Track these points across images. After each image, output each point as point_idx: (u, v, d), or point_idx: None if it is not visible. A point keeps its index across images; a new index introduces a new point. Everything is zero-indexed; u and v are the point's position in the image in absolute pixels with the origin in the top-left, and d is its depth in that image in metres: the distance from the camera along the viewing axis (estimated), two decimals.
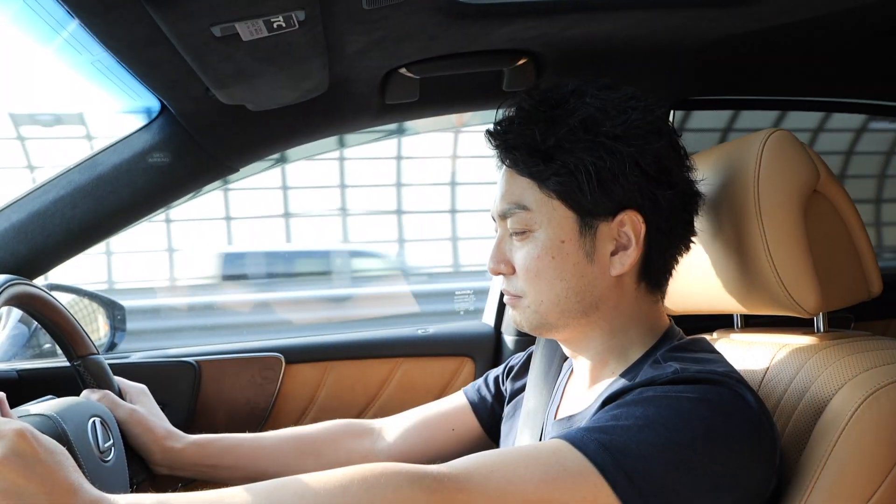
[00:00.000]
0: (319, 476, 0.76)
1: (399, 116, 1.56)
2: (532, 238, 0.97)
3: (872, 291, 1.08)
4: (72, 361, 1.26)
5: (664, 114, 1.00)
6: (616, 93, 0.97)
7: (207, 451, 1.25)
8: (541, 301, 0.98)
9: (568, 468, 0.78)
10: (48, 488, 0.71)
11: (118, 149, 1.40)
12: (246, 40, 0.98)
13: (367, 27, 1.12)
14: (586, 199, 0.94)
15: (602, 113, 0.95)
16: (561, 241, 0.96)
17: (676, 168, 0.98)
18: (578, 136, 0.94)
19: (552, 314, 0.99)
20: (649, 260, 0.98)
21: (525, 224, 0.97)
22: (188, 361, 1.60)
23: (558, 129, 0.95)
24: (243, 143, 1.47)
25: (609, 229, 0.96)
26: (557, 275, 0.96)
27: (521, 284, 0.99)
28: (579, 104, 0.96)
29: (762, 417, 0.86)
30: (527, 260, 0.98)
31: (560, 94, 0.98)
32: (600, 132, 0.93)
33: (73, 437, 1.01)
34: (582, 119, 0.94)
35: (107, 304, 1.79)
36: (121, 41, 1.05)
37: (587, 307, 0.98)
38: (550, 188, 0.95)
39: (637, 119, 0.95)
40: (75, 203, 1.39)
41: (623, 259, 0.96)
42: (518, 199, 0.98)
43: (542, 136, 0.95)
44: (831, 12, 1.26)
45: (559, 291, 0.97)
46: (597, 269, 0.97)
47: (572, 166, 0.93)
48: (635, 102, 0.96)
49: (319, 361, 1.68)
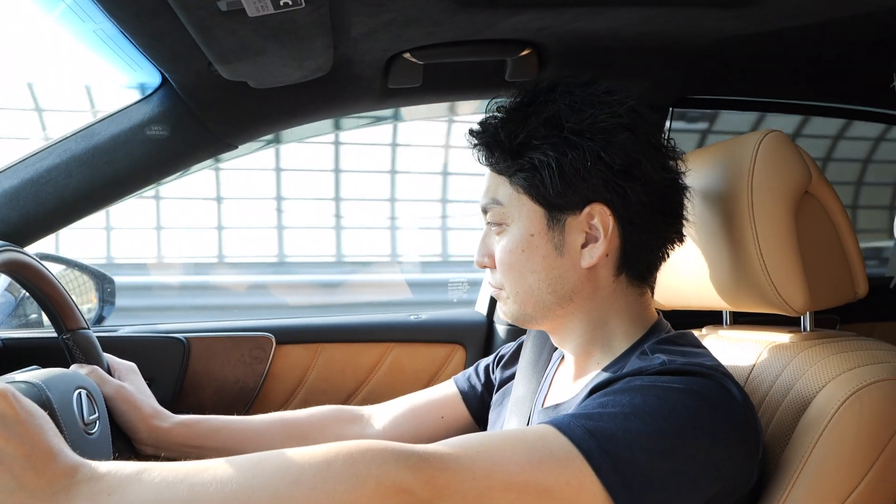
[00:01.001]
0: (304, 451, 0.76)
1: (401, 101, 1.56)
2: (507, 232, 1.01)
3: (858, 293, 1.09)
4: (61, 335, 1.25)
5: (649, 109, 1.01)
6: (591, 87, 0.99)
7: (194, 432, 1.24)
8: (516, 293, 1.01)
9: (553, 453, 0.79)
10: (27, 450, 0.71)
11: (116, 119, 1.40)
12: (252, 16, 0.98)
13: (373, 9, 1.12)
14: (550, 194, 0.96)
15: (569, 108, 0.96)
16: (530, 234, 0.98)
17: (647, 160, 0.97)
18: (543, 132, 0.96)
19: (528, 305, 1.01)
20: (625, 252, 0.99)
21: (500, 218, 1.01)
22: (177, 338, 1.60)
23: (528, 125, 0.97)
24: (243, 120, 1.47)
25: (577, 222, 0.97)
26: (529, 267, 0.99)
27: (500, 277, 1.03)
28: (549, 100, 0.98)
29: (747, 411, 0.87)
30: (502, 253, 1.01)
31: (536, 91, 1.01)
32: (564, 128, 0.95)
33: (58, 405, 1.01)
34: (548, 116, 0.97)
35: (97, 276, 1.78)
36: (125, 10, 1.04)
37: (561, 298, 1.00)
38: (518, 183, 0.98)
39: (604, 113, 0.96)
40: (70, 172, 1.38)
41: (592, 252, 0.97)
42: (494, 194, 1.01)
43: (512, 133, 0.98)
44: (833, 18, 1.27)
45: (531, 283, 0.99)
46: (567, 261, 0.98)
47: (536, 162, 0.96)
48: (607, 97, 0.97)
49: (310, 343, 1.68)
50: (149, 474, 0.72)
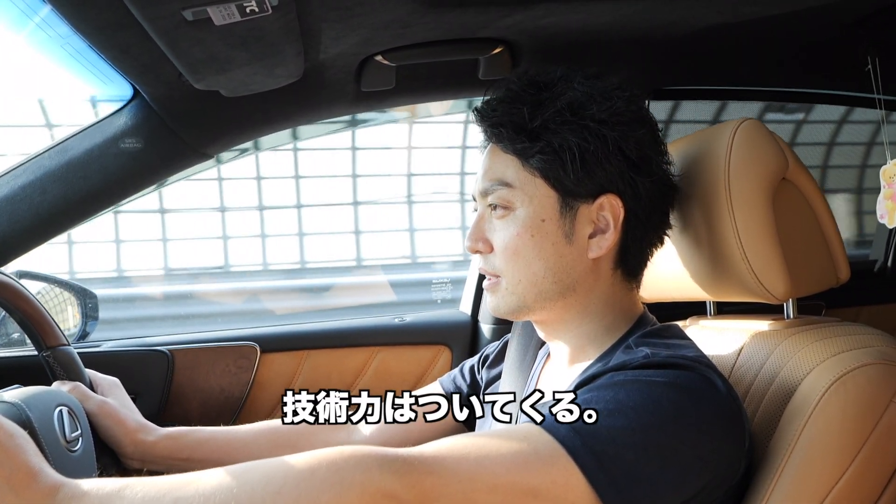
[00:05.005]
0: (288, 459, 0.75)
1: (375, 104, 1.56)
2: (512, 216, 0.98)
3: (840, 278, 1.09)
4: (41, 352, 1.24)
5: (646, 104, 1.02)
6: (602, 81, 1.00)
7: (180, 444, 1.23)
8: (518, 280, 0.99)
9: (539, 452, 0.78)
10: (7, 472, 0.71)
11: (89, 133, 1.39)
12: (218, 25, 0.97)
13: (341, 13, 1.11)
14: (569, 179, 0.95)
15: (588, 98, 0.96)
16: (541, 219, 0.97)
17: (656, 158, 1.00)
18: (565, 117, 0.95)
19: (529, 295, 0.99)
20: (626, 247, 1.00)
21: (506, 201, 0.98)
22: (161, 350, 1.59)
23: (545, 110, 0.96)
24: (217, 129, 1.46)
25: (589, 212, 0.97)
26: (536, 254, 0.97)
27: (499, 263, 1.00)
28: (567, 88, 0.97)
29: (731, 402, 0.87)
30: (506, 238, 0.98)
31: (548, 77, 1.00)
32: (586, 115, 0.95)
33: (38, 424, 1.00)
34: (569, 102, 0.96)
35: (78, 292, 1.76)
36: (91, 24, 1.03)
37: (564, 289, 0.99)
38: (534, 166, 0.97)
39: (622, 106, 0.96)
40: (45, 189, 1.37)
41: (601, 242, 0.98)
42: (501, 175, 0.99)
43: (529, 115, 0.96)
44: (806, 6, 1.27)
45: (536, 271, 0.98)
46: (574, 250, 0.98)
47: (557, 146, 0.95)
48: (620, 91, 0.98)
49: (295, 350, 1.68)
50: (131, 490, 0.72)
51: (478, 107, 1.03)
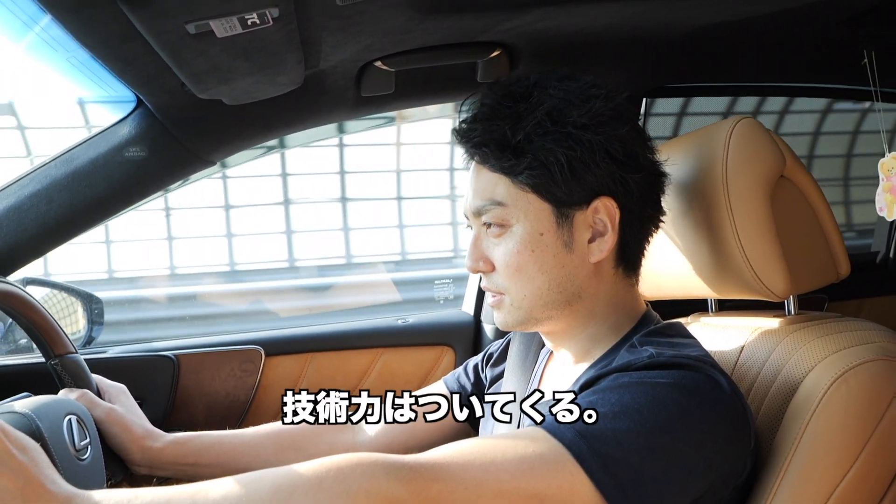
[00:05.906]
0: (295, 468, 0.76)
1: (375, 108, 1.56)
2: (509, 233, 0.98)
3: (841, 273, 1.10)
4: (49, 360, 1.25)
5: (626, 100, 1.02)
6: (577, 82, 0.98)
7: (187, 450, 1.24)
8: (524, 296, 0.99)
9: (544, 456, 0.79)
10: (21, 484, 0.71)
11: (94, 143, 1.40)
12: (220, 37, 0.98)
13: (341, 22, 1.12)
14: (560, 190, 0.95)
15: (566, 103, 0.95)
16: (539, 233, 0.96)
17: (642, 151, 0.99)
18: (546, 127, 0.94)
19: (536, 308, 0.99)
20: (625, 243, 1.00)
21: (501, 219, 0.98)
22: (166, 355, 1.59)
23: (526, 122, 0.95)
24: (220, 136, 1.47)
25: (584, 217, 0.97)
26: (538, 268, 0.97)
27: (502, 280, 0.99)
28: (543, 96, 0.96)
29: (736, 401, 0.87)
30: (506, 255, 0.98)
31: (522, 87, 0.99)
32: (567, 122, 0.94)
33: (48, 434, 1.01)
34: (548, 111, 0.95)
35: (84, 297, 1.77)
36: (95, 38, 1.04)
37: (570, 297, 0.99)
38: (524, 182, 0.96)
39: (601, 107, 0.95)
40: (51, 198, 1.38)
41: (601, 245, 0.97)
42: (491, 195, 0.98)
43: (510, 130, 0.95)
44: (802, 5, 1.28)
45: (541, 284, 0.97)
46: (576, 258, 0.97)
47: (543, 158, 0.94)
48: (597, 90, 0.97)
49: (300, 353, 1.69)
50: (140, 500, 0.73)
51: (456, 128, 1.02)
